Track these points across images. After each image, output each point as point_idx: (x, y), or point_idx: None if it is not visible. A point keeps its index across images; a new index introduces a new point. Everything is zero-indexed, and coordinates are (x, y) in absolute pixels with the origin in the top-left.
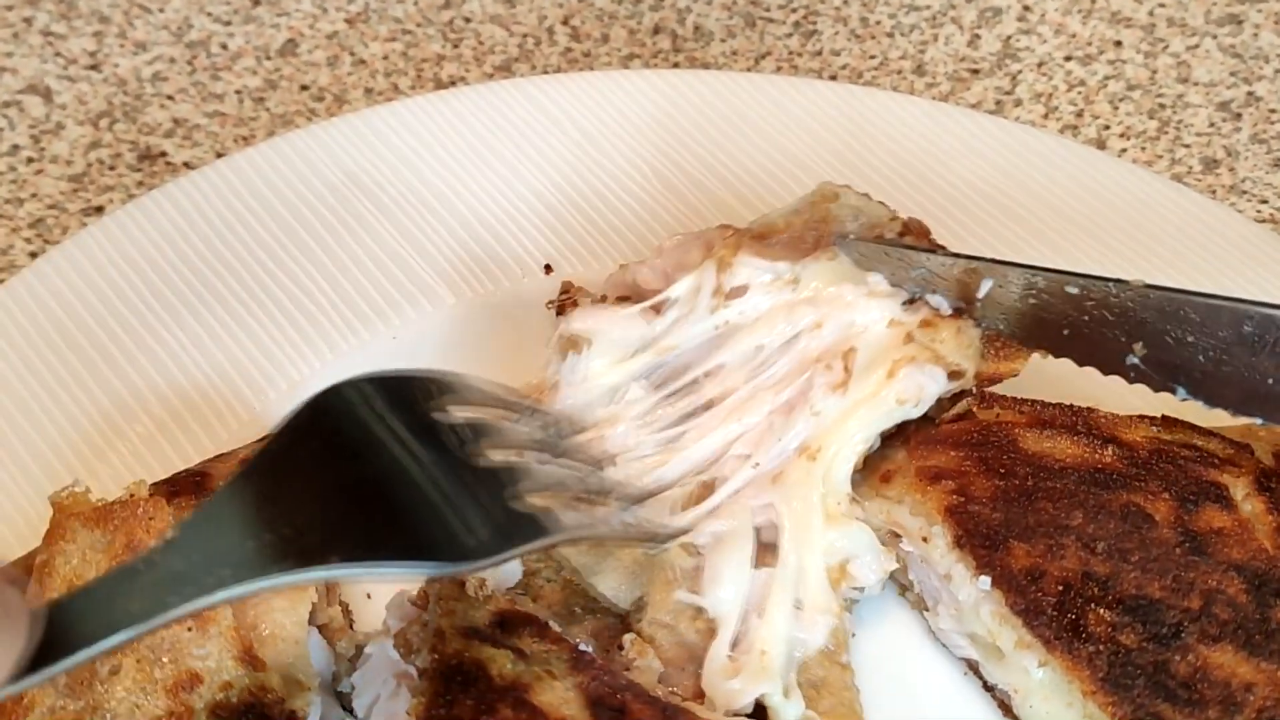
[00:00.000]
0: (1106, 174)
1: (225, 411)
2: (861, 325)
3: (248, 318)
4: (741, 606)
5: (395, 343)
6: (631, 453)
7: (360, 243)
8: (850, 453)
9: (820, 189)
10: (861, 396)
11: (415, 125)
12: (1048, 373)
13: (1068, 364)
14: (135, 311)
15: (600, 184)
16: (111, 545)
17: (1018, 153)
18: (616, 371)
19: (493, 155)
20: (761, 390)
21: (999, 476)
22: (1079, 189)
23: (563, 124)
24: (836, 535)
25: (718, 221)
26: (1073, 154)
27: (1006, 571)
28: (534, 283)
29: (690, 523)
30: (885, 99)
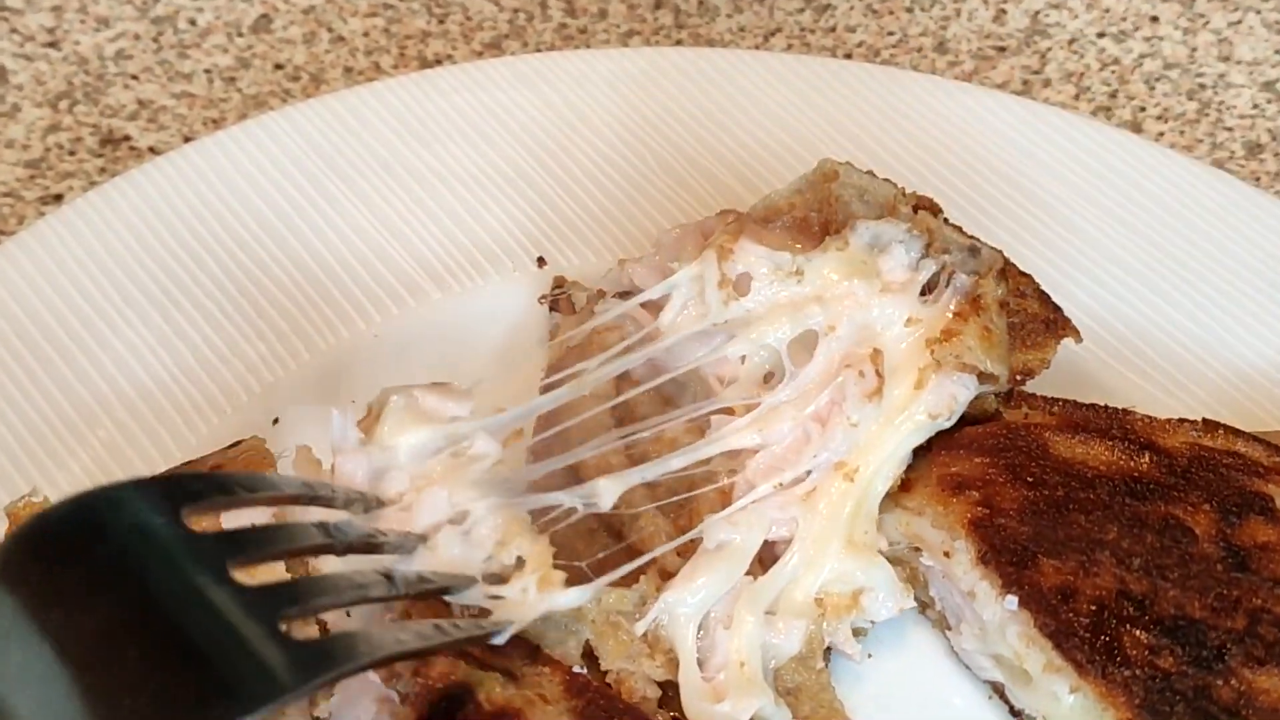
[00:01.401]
0: (1142, 159)
1: (194, 415)
2: (879, 325)
3: (217, 314)
4: (695, 623)
5: (376, 342)
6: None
7: (338, 233)
8: (889, 473)
9: (820, 166)
10: (893, 407)
11: (397, 106)
12: (1078, 368)
13: (1098, 356)
14: (97, 308)
15: (597, 170)
16: None
17: (1047, 136)
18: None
19: (480, 139)
20: (785, 397)
21: (1027, 486)
22: (1113, 176)
23: (556, 105)
24: (855, 566)
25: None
26: (1106, 138)
27: (1035, 590)
28: (526, 276)
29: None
30: (905, 79)
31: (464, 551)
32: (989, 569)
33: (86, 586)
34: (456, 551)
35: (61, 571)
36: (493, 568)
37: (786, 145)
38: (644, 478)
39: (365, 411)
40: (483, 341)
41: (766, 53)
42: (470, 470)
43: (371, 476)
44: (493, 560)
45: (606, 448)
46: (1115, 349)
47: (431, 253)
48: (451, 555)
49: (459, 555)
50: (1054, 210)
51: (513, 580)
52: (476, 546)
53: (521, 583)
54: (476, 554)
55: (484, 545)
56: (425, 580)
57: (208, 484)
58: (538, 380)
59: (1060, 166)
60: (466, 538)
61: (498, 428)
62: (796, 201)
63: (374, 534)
